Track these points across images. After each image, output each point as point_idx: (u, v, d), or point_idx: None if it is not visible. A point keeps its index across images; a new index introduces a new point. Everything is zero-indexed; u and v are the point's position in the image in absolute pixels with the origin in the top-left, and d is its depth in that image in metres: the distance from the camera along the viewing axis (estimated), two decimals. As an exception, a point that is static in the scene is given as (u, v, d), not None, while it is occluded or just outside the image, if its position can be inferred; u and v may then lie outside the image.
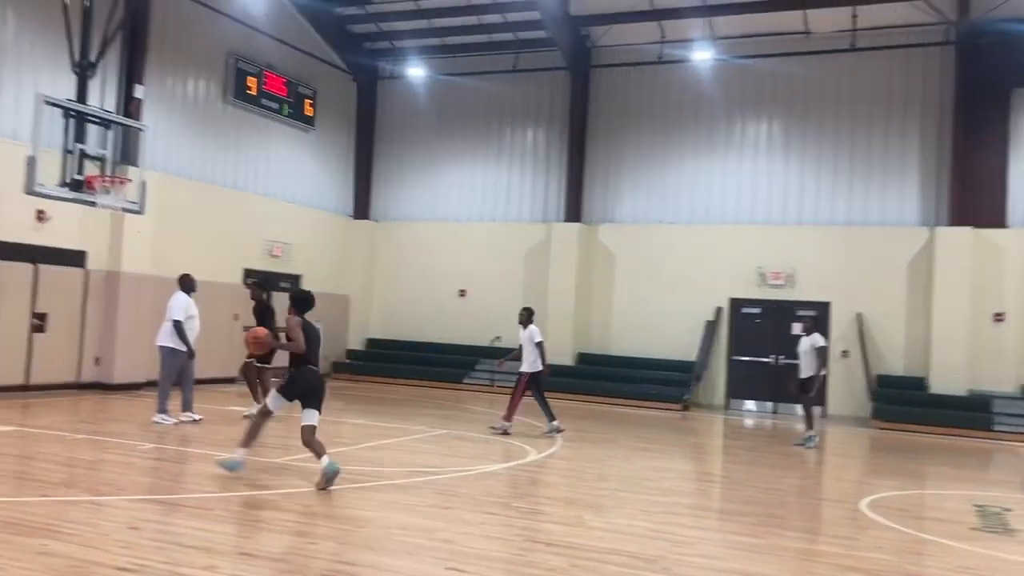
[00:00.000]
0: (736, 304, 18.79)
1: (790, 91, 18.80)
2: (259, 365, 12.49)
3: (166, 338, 11.44)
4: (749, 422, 16.66)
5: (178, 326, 11.40)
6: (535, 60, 20.73)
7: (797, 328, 14.67)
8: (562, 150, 20.55)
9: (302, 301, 8.21)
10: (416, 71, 21.34)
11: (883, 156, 18.07)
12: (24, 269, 13.70)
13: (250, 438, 8.14)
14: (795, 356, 17.99)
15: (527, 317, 12.80)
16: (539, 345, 12.44)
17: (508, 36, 20.49)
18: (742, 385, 18.56)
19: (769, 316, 18.61)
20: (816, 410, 13.92)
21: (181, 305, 11.54)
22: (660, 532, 6.79)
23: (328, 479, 7.48)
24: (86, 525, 6.00)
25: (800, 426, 13.70)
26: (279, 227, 19.44)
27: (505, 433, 12.05)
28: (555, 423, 12.48)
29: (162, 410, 11.29)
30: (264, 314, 12.46)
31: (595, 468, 9.94)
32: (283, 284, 19.75)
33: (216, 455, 9.13)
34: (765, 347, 18.51)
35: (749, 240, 18.72)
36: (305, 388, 8.03)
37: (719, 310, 18.69)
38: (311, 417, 7.81)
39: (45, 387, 13.92)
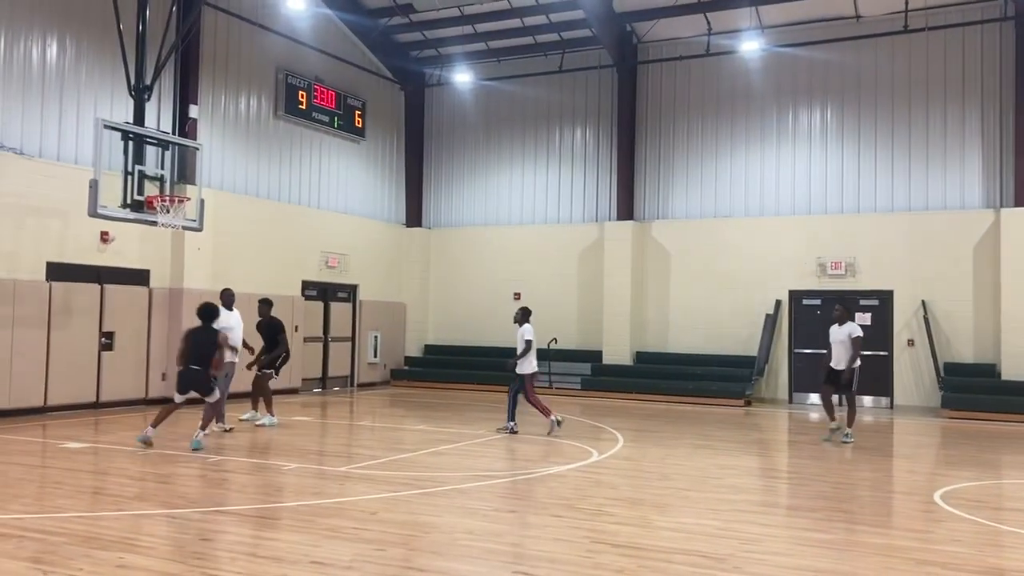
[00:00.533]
0: (796, 296, 18.48)
1: (842, 77, 18.44)
2: (264, 372, 13.01)
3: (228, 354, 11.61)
4: (814, 415, 16.36)
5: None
6: (581, 59, 20.67)
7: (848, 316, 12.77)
8: (612, 149, 20.46)
9: (200, 313, 10.68)
10: (463, 77, 21.45)
11: (942, 139, 17.61)
12: (91, 289, 14.09)
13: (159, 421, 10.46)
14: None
15: (522, 316, 12.60)
16: (528, 343, 12.22)
17: (553, 37, 20.47)
18: (805, 378, 18.23)
19: (830, 307, 18.21)
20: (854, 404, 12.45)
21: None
22: (728, 530, 6.70)
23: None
24: (161, 538, 6.14)
25: (821, 416, 12.97)
26: (334, 238, 19.70)
27: (558, 424, 12.21)
28: (512, 424, 12.31)
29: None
30: (275, 329, 13.07)
31: (658, 467, 9.86)
32: (340, 294, 20.03)
33: (284, 466, 9.27)
34: (827, 339, 18.08)
35: (806, 231, 18.40)
36: (187, 383, 10.44)
37: (778, 303, 18.40)
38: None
39: (115, 404, 14.31)
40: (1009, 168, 16.93)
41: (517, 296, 21.21)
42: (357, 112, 20.57)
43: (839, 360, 12.06)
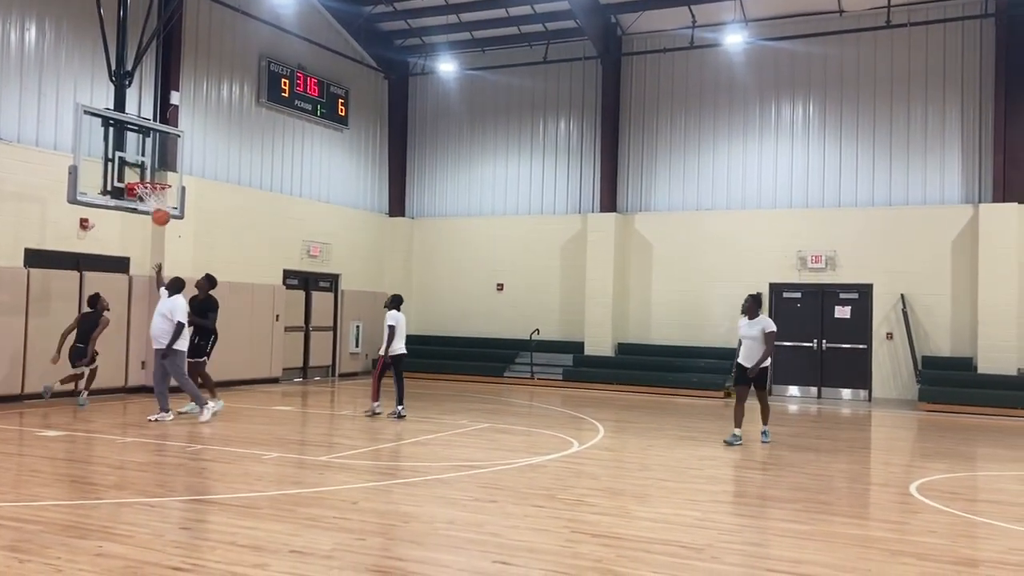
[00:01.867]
0: (776, 289, 18.60)
1: (825, 71, 18.53)
2: (194, 360, 12.44)
3: (164, 339, 11.48)
4: (793, 407, 16.49)
5: (181, 328, 11.51)
6: (565, 50, 20.66)
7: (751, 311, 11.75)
8: (595, 140, 20.48)
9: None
10: (447, 66, 21.38)
11: (923, 134, 17.74)
12: (70, 276, 13.97)
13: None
14: (836, 339, 17.95)
15: (392, 303, 13.10)
16: (391, 328, 12.75)
17: (538, 27, 20.44)
18: (785, 370, 18.37)
19: (810, 300, 18.40)
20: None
21: (183, 307, 11.60)
22: (707, 521, 6.75)
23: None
24: (140, 527, 6.12)
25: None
26: (316, 227, 19.62)
27: (375, 414, 12.89)
28: (400, 408, 12.82)
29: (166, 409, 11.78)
30: (208, 306, 12.60)
31: (638, 458, 9.91)
32: (322, 284, 19.96)
33: (264, 455, 9.25)
34: (807, 331, 18.31)
35: (788, 224, 18.51)
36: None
37: (758, 295, 18.47)
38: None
39: (94, 392, 14.19)
40: (988, 164, 17.09)
41: (500, 287, 21.24)
42: (340, 100, 20.48)
43: (750, 357, 10.81)
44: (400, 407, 12.78)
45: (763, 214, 18.83)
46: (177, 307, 11.52)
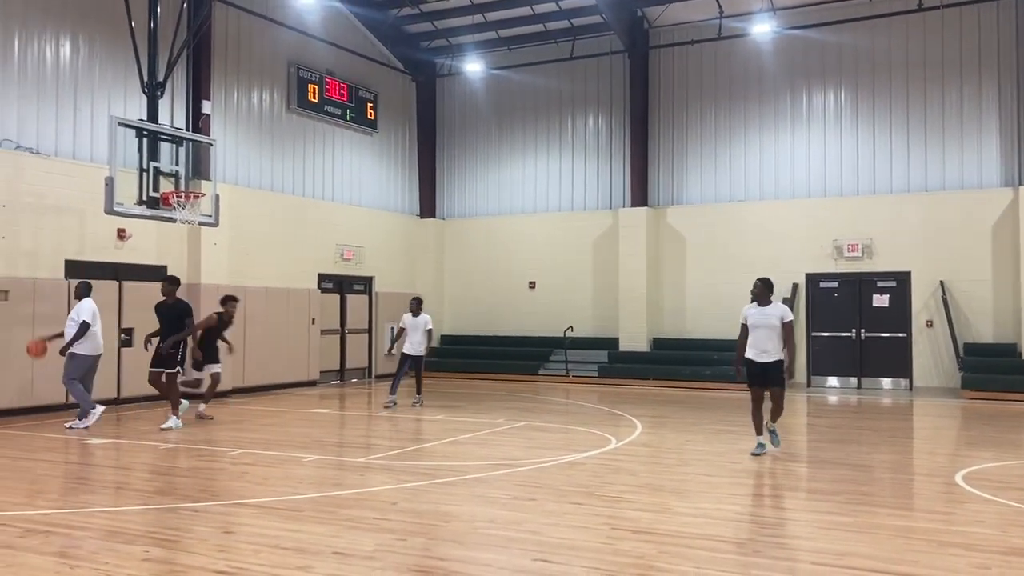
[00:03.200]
0: (813, 279, 18.39)
1: (856, 58, 18.28)
2: (167, 372, 11.72)
3: (79, 344, 11.36)
4: (833, 399, 16.30)
5: (85, 327, 11.35)
6: (592, 46, 20.59)
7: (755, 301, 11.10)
8: (624, 135, 20.39)
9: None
10: (474, 67, 21.41)
11: (958, 118, 17.44)
12: (109, 286, 14.19)
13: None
14: (874, 328, 17.70)
15: (417, 306, 14.49)
16: (429, 332, 14.32)
17: (563, 24, 20.39)
18: (824, 361, 18.17)
19: (847, 290, 18.17)
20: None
21: (90, 309, 11.47)
22: (748, 515, 6.69)
23: None
24: (184, 531, 6.20)
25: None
26: (349, 231, 19.75)
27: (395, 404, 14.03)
28: (419, 397, 14.50)
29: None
30: (182, 311, 11.77)
31: (677, 453, 9.85)
32: (356, 287, 20.09)
33: (304, 457, 9.33)
34: (845, 321, 18.10)
35: (822, 213, 18.29)
36: None
37: (795, 286, 18.32)
38: None
39: (135, 399, 14.42)
40: (1027, 146, 16.75)
41: (532, 285, 21.24)
42: (369, 104, 20.59)
43: (766, 350, 9.36)
44: (420, 395, 14.55)
45: (797, 204, 18.63)
46: (83, 308, 11.41)
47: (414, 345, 14.16)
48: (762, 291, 9.57)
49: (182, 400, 11.95)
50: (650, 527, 6.28)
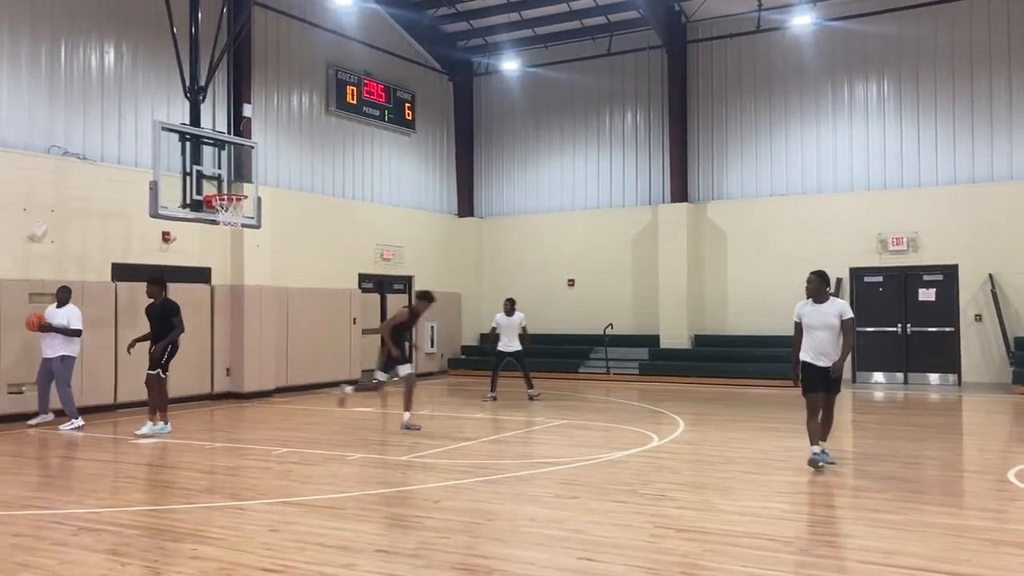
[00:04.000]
0: (857, 274, 18.11)
1: (899, 48, 17.95)
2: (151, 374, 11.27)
3: (64, 347, 11.69)
4: (879, 394, 16.04)
5: (79, 334, 11.82)
6: (629, 41, 20.48)
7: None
8: (663, 130, 20.25)
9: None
10: (511, 65, 21.41)
11: (1007, 107, 17.04)
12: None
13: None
14: (921, 323, 17.39)
15: (511, 307, 15.18)
16: (524, 328, 15.14)
17: (600, 20, 20.32)
18: (869, 357, 17.89)
19: (892, 284, 17.87)
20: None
21: (78, 315, 11.85)
22: (794, 513, 6.61)
23: None
24: (231, 529, 6.28)
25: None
26: (388, 231, 19.88)
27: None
28: (534, 391, 15.04)
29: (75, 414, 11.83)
30: (170, 311, 11.32)
31: (720, 451, 9.77)
32: (396, 286, 20.20)
33: (348, 456, 9.41)
34: (890, 316, 17.80)
35: (866, 207, 18.00)
36: None
37: (839, 281, 18.04)
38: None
39: (182, 399, 14.66)
40: (1078, 134, 16.32)
41: (571, 283, 21.19)
42: (407, 104, 20.69)
43: (824, 352, 8.36)
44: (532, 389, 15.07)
45: (840, 197, 18.36)
46: (74, 315, 11.77)
47: (510, 343, 14.98)
48: (818, 286, 8.52)
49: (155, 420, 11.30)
50: (694, 525, 6.23)
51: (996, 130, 17.11)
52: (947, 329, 17.29)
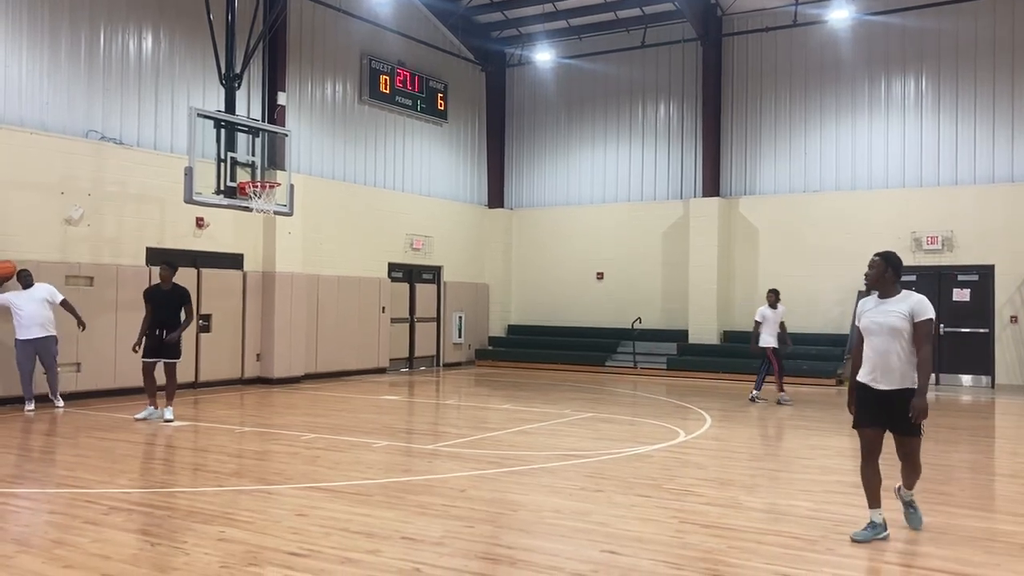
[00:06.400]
0: (889, 272, 17.86)
1: (938, 43, 17.67)
2: (171, 361, 11.15)
3: (52, 326, 11.77)
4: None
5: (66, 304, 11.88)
6: (663, 34, 20.34)
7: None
8: (696, 124, 20.11)
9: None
10: (544, 56, 21.36)
11: (1048, 105, 16.73)
12: (188, 274, 14.59)
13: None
14: (955, 323, 17.15)
15: (775, 298, 14.11)
16: (783, 324, 14.08)
17: (635, 12, 20.19)
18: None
19: (926, 283, 17.62)
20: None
21: (54, 290, 11.92)
22: (820, 512, 6.57)
23: None
24: (258, 512, 6.36)
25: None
26: (419, 220, 19.95)
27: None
28: (783, 394, 13.93)
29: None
30: (183, 298, 11.21)
31: (748, 447, 9.72)
32: (425, 276, 20.29)
33: (374, 443, 9.48)
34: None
35: (900, 204, 17.77)
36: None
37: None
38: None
39: (213, 383, 14.85)
40: (1123, 134, 15.98)
41: (600, 276, 21.15)
42: (439, 95, 20.72)
43: (887, 369, 5.77)
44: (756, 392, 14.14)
45: (874, 195, 18.14)
46: (53, 290, 11.84)
47: (768, 337, 13.81)
48: (880, 273, 5.89)
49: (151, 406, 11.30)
50: (719, 521, 6.21)
51: (1037, 129, 16.79)
52: (981, 330, 17.04)
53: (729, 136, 19.82)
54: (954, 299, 17.39)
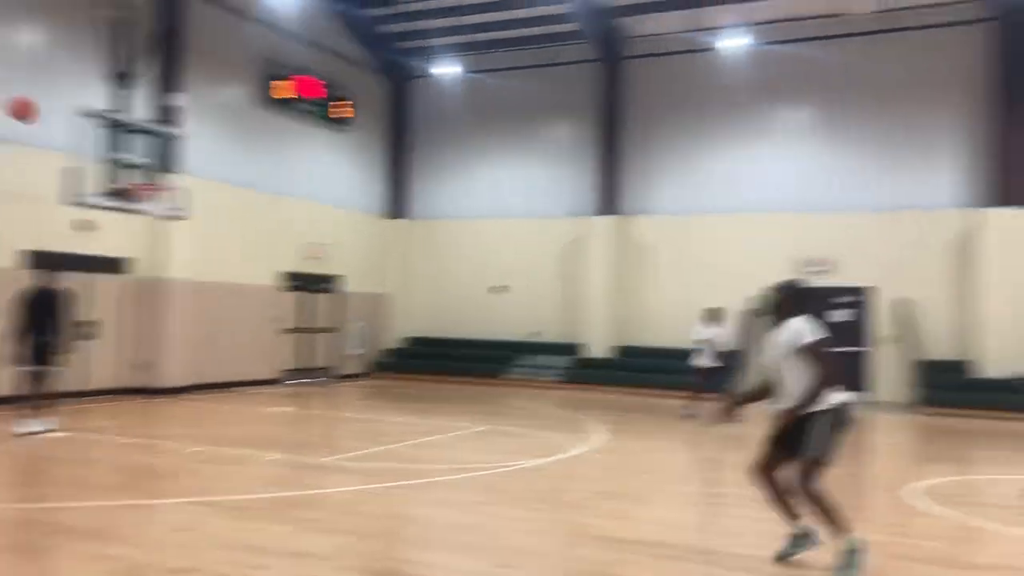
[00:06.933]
0: (776, 292, 18.55)
1: (825, 75, 18.51)
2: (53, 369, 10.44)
3: None
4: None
5: None
6: (567, 53, 20.65)
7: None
8: (596, 143, 20.47)
9: None
10: (448, 69, 21.38)
11: (923, 138, 17.72)
12: (76, 278, 13.95)
13: None
14: (835, 343, 17.90)
15: (716, 317, 14.36)
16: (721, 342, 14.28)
17: (540, 30, 20.46)
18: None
19: (811, 304, 18.35)
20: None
21: None
22: (708, 523, 6.76)
23: None
24: (140, 527, 6.12)
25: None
26: (318, 229, 19.63)
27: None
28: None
29: None
30: (60, 301, 10.49)
31: (638, 461, 9.92)
32: (323, 285, 19.98)
33: (264, 456, 9.25)
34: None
35: (787, 228, 18.49)
36: None
37: (761, 295, 18.46)
38: None
39: (96, 392, 14.21)
40: (987, 168, 17.07)
41: (500, 289, 21.24)
42: (342, 102, 20.46)
43: (787, 395, 5.82)
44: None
45: (763, 217, 18.80)
46: None
47: (706, 356, 14.23)
48: (783, 300, 6.29)
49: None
50: (611, 534, 6.31)
51: (913, 159, 17.75)
52: (860, 349, 17.88)
53: (627, 156, 20.22)
54: (835, 320, 18.18)
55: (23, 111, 11.10)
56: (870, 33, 17.88)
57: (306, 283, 19.40)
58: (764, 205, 18.90)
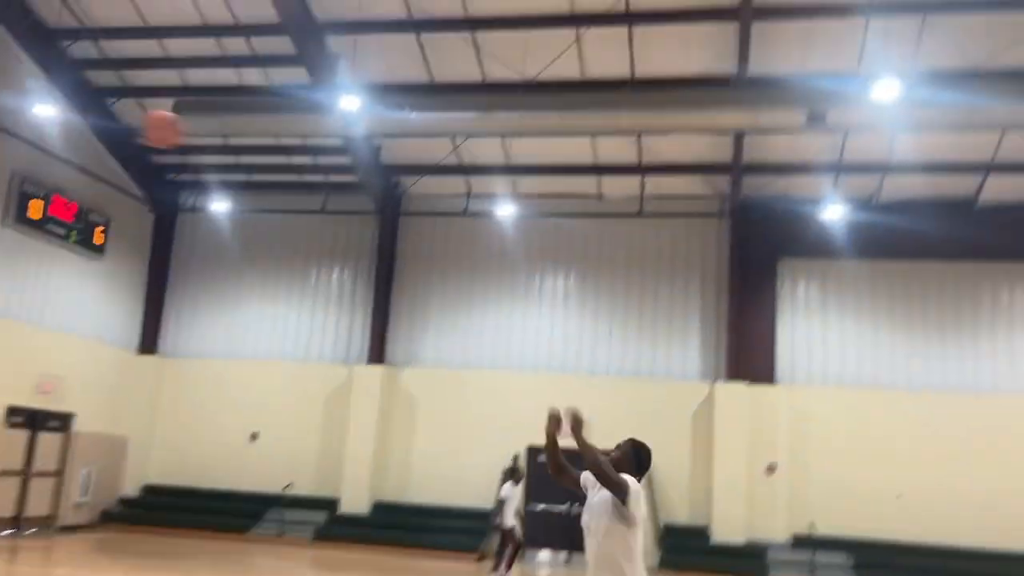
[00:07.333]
0: (536, 452, 18.96)
1: (585, 248, 19.88)
2: None
3: None
4: (543, 573, 16.60)
5: None
6: (344, 202, 20.82)
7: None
8: (368, 292, 20.51)
9: None
10: (220, 206, 20.87)
11: (668, 314, 19.28)
12: None
13: None
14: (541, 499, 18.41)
15: (519, 475, 15.00)
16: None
17: (318, 178, 20.62)
18: (538, 533, 18.53)
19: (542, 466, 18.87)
20: None
21: None
22: None
23: None
24: None
25: None
26: (55, 360, 17.93)
27: None
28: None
29: None
30: None
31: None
32: (51, 423, 18.07)
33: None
34: (561, 494, 18.70)
35: (547, 387, 19.06)
36: None
37: (516, 458, 18.80)
38: None
39: None
40: (722, 346, 18.77)
41: (254, 436, 20.20)
42: (99, 228, 19.31)
43: (595, 558, 5.46)
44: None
45: (524, 376, 19.39)
46: None
47: (511, 517, 14.44)
48: (623, 454, 5.88)
49: None
50: None
51: (659, 332, 19.17)
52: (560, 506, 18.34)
53: (398, 307, 20.39)
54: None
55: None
56: (624, 215, 19.56)
57: (32, 419, 17.49)
58: (526, 364, 19.57)
